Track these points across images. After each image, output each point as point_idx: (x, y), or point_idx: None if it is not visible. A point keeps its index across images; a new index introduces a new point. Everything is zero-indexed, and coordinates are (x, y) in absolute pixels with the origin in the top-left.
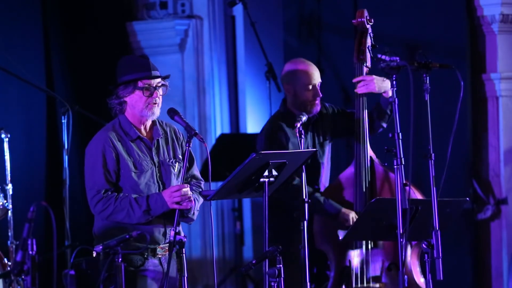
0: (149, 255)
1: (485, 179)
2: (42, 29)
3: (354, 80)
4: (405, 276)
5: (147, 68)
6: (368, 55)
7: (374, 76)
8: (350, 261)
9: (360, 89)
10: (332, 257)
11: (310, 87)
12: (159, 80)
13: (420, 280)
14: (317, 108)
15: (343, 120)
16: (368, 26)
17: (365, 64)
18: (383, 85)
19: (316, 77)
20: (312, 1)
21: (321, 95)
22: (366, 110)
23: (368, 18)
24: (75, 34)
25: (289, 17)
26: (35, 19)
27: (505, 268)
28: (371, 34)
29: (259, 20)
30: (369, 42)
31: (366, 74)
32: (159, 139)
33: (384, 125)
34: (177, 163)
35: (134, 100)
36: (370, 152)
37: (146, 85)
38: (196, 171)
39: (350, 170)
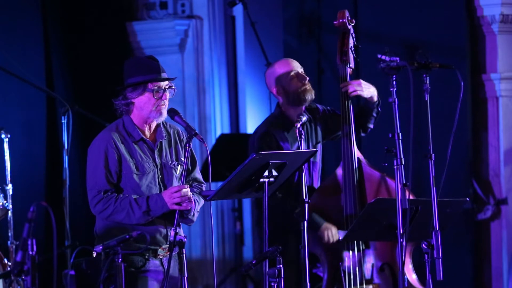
0: (150, 256)
1: (485, 179)
2: (42, 29)
3: (342, 85)
4: (405, 276)
5: (157, 70)
6: (351, 56)
7: (361, 80)
8: (342, 263)
9: (349, 87)
10: (325, 259)
11: (293, 73)
12: (167, 82)
13: (412, 276)
14: (311, 94)
15: (333, 121)
16: (349, 26)
17: (348, 65)
18: (370, 90)
19: (295, 65)
20: (312, 1)
21: (307, 78)
22: (353, 112)
23: (349, 18)
24: (75, 34)
25: (289, 17)
26: (35, 19)
27: (505, 268)
28: (353, 34)
29: (259, 20)
30: (351, 43)
31: (350, 75)
32: (162, 141)
33: (371, 126)
34: (179, 165)
35: (143, 102)
36: (357, 154)
37: (156, 87)
38: (198, 174)
39: (338, 172)
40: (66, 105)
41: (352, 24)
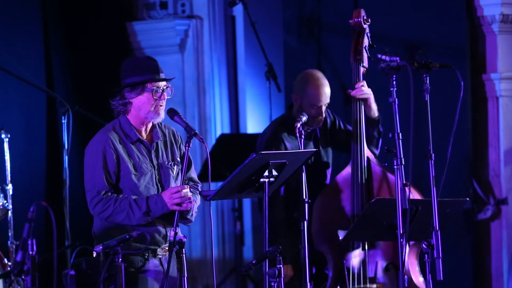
0: (150, 256)
1: (485, 179)
2: (42, 29)
3: (356, 85)
4: (405, 276)
5: (155, 70)
6: (365, 55)
7: (370, 91)
8: (348, 262)
9: (356, 92)
10: (330, 257)
11: (316, 106)
12: (165, 82)
13: (419, 279)
14: (319, 124)
15: (341, 135)
16: (365, 26)
17: (362, 64)
18: (374, 106)
19: (324, 99)
20: (312, 1)
21: (324, 116)
22: (363, 111)
23: (365, 18)
24: (75, 34)
25: (289, 17)
26: (35, 19)
27: (505, 268)
28: (368, 34)
29: (259, 20)
30: (366, 42)
31: (363, 74)
32: (159, 141)
33: (376, 150)
34: (175, 166)
35: (141, 102)
36: (367, 153)
37: (155, 87)
38: (193, 173)
39: (347, 171)
40: (66, 105)
41: (368, 24)
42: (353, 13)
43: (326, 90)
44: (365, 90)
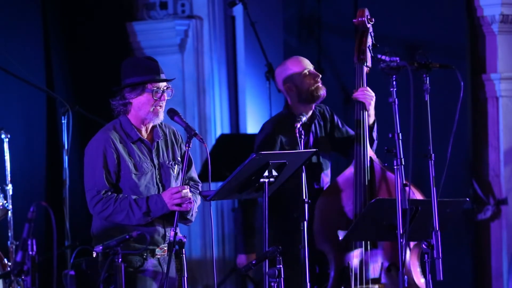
0: (148, 256)
1: (485, 179)
2: (42, 29)
3: (360, 88)
4: (405, 277)
5: (156, 71)
6: (369, 55)
7: (372, 98)
8: (349, 262)
9: (357, 95)
10: (332, 257)
11: (306, 72)
12: (165, 83)
13: (420, 280)
14: (323, 91)
15: (338, 135)
16: (369, 25)
17: (365, 64)
18: (371, 112)
19: (307, 63)
20: (312, 1)
21: (320, 75)
22: (367, 112)
23: (369, 17)
24: (75, 34)
25: (289, 17)
26: (35, 19)
27: (505, 268)
28: (372, 33)
29: (259, 20)
30: (369, 41)
31: (367, 74)
32: (159, 141)
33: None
34: (176, 165)
35: (141, 103)
36: (370, 153)
37: (155, 88)
38: (194, 173)
39: (349, 171)
40: (66, 105)
41: (372, 23)
42: (357, 12)
43: (303, 58)
44: (367, 95)
